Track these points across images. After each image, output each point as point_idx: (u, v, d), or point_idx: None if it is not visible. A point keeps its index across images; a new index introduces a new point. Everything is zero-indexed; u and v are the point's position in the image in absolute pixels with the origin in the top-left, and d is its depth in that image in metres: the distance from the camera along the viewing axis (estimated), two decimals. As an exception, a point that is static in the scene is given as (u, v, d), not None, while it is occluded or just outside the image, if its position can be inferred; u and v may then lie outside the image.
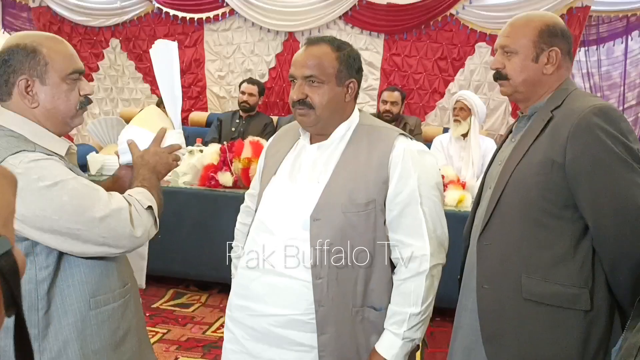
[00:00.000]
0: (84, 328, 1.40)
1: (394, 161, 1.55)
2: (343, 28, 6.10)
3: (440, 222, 1.58)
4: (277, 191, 1.66)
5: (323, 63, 1.57)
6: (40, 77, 1.39)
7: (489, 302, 1.62)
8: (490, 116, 5.81)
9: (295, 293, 1.56)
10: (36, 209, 1.28)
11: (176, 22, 6.49)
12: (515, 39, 1.64)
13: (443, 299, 3.48)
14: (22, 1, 6.83)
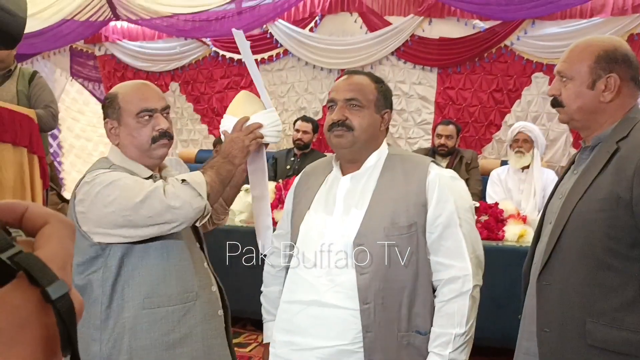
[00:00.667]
0: (135, 324, 1.58)
1: (431, 186, 1.59)
2: (396, 63, 6.12)
3: (477, 243, 1.61)
4: (314, 224, 1.69)
5: (365, 89, 1.66)
6: (117, 119, 1.67)
7: (550, 347, 1.53)
8: (551, 147, 5.65)
9: (342, 322, 1.56)
10: (98, 210, 1.52)
11: (232, 64, 6.69)
12: (572, 65, 1.58)
13: (508, 339, 3.38)
14: (88, 50, 7.22)
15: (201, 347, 1.65)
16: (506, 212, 3.68)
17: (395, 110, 6.18)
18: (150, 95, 1.68)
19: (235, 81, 6.71)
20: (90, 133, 7.87)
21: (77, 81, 7.38)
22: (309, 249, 1.66)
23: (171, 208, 1.50)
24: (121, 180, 1.54)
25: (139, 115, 1.65)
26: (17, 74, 3.74)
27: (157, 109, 1.67)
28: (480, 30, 5.76)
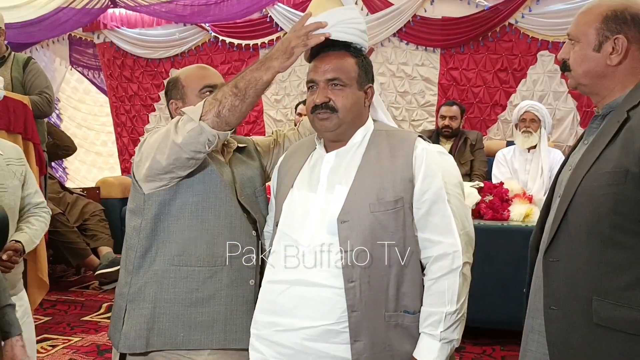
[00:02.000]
0: (162, 278, 1.70)
1: (418, 160, 1.54)
2: (398, 45, 6.02)
3: (467, 220, 1.56)
4: (297, 201, 1.63)
5: (345, 66, 1.58)
6: (182, 98, 1.82)
7: (557, 326, 1.44)
8: (557, 127, 5.55)
9: (326, 302, 1.50)
10: (138, 160, 1.71)
11: (232, 50, 6.61)
12: (579, 26, 1.48)
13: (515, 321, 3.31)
14: (87, 38, 7.15)
15: (223, 310, 1.70)
16: (511, 191, 3.60)
17: (398, 92, 6.09)
18: (210, 73, 1.83)
19: (236, 66, 6.63)
20: (92, 122, 7.83)
21: (76, 70, 7.33)
22: (291, 225, 1.61)
23: (174, 144, 1.58)
24: (160, 129, 1.67)
25: (201, 91, 1.78)
26: (11, 60, 3.70)
27: (217, 85, 1.77)
28: (483, 8, 5.64)
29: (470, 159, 4.81)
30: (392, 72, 6.07)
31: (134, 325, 1.71)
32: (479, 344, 3.45)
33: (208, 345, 1.68)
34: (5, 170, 2.18)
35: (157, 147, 1.63)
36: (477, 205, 3.52)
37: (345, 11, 1.58)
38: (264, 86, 1.57)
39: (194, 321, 1.69)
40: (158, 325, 1.69)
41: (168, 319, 1.69)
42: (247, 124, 6.64)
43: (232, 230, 1.72)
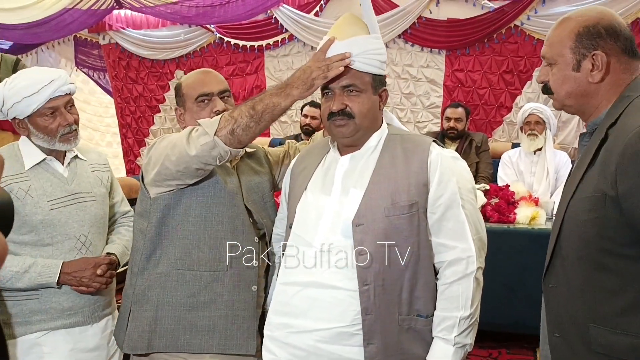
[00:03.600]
0: (166, 281, 1.71)
1: (433, 165, 1.54)
2: (403, 47, 6.01)
3: (481, 225, 1.56)
4: (311, 204, 1.62)
5: (360, 72, 1.57)
6: (183, 105, 1.82)
7: (560, 353, 1.42)
8: (563, 129, 5.54)
9: (340, 304, 1.50)
10: (146, 164, 1.72)
11: (237, 51, 6.61)
12: (552, 47, 1.43)
13: (520, 324, 3.30)
14: (93, 39, 7.17)
15: (224, 315, 1.70)
16: (517, 194, 3.59)
17: (404, 94, 6.08)
18: (207, 80, 1.80)
19: (241, 68, 6.64)
20: (97, 123, 7.85)
21: (82, 71, 7.34)
22: (305, 227, 1.60)
23: (188, 155, 1.59)
24: (172, 136, 1.68)
25: (197, 99, 1.77)
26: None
27: (213, 93, 1.77)
28: (489, 10, 5.63)
29: (476, 161, 4.79)
30: (397, 74, 6.06)
31: (138, 326, 1.73)
32: (484, 347, 3.43)
33: (208, 350, 1.69)
34: (91, 178, 1.98)
35: (167, 155, 1.64)
36: (483, 208, 3.50)
37: (371, 41, 1.58)
38: (280, 112, 1.58)
39: (195, 325, 1.70)
40: (160, 327, 1.71)
41: (170, 322, 1.71)
42: (251, 125, 6.64)
43: (235, 236, 1.73)
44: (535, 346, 3.48)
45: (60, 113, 1.85)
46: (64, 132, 1.85)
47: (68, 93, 1.89)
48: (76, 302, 1.85)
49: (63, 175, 1.90)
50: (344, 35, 1.58)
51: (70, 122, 1.87)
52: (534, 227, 3.32)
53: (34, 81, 1.81)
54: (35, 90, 1.80)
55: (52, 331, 1.82)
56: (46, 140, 1.87)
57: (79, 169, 1.96)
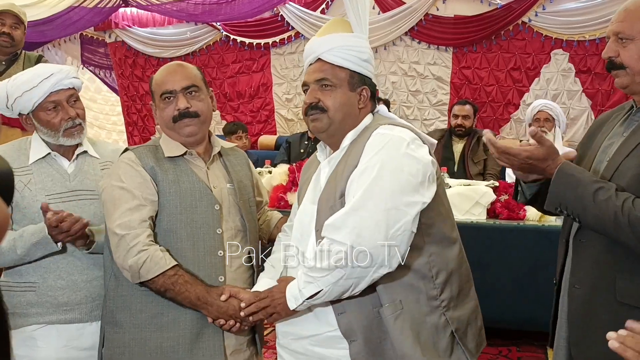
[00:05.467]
0: (130, 302, 1.68)
1: (365, 148, 1.49)
2: (409, 44, 5.99)
3: (374, 207, 1.40)
4: (302, 216, 1.65)
5: (336, 69, 1.57)
6: (154, 101, 1.79)
7: (579, 303, 1.50)
8: (571, 126, 5.50)
9: (325, 309, 1.52)
10: None
11: (243, 49, 6.60)
12: (632, 24, 1.47)
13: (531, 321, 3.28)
14: (99, 37, 7.17)
15: (188, 335, 1.66)
16: (527, 191, 3.56)
17: (410, 91, 6.06)
18: (171, 77, 1.73)
19: (247, 65, 6.63)
20: (103, 121, 7.86)
21: (88, 69, 7.35)
22: (297, 240, 1.63)
23: (118, 259, 1.64)
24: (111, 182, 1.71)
25: (161, 97, 1.73)
26: (22, 58, 3.69)
27: (176, 90, 1.71)
28: (496, 7, 5.61)
29: (484, 158, 4.76)
30: (403, 71, 6.04)
31: (110, 348, 1.72)
32: (494, 344, 3.41)
33: None
34: (98, 176, 1.91)
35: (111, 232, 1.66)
36: (492, 205, 3.49)
37: (349, 38, 1.60)
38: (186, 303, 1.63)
39: (160, 347, 1.66)
40: (129, 350, 1.68)
41: (137, 344, 1.67)
42: (258, 123, 6.64)
43: (196, 252, 1.68)
44: (545, 343, 3.46)
45: (63, 107, 1.83)
46: (67, 126, 1.83)
47: (71, 87, 1.86)
48: (72, 297, 1.82)
49: (66, 172, 1.88)
50: (323, 33, 1.62)
51: (72, 116, 1.83)
52: (544, 224, 3.30)
53: (34, 75, 1.80)
54: (35, 84, 1.79)
55: (48, 325, 1.81)
56: (50, 135, 1.85)
57: (86, 166, 1.92)
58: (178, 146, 1.74)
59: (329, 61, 1.57)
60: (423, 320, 1.49)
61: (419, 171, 1.45)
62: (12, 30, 3.47)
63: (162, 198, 1.68)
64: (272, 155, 5.53)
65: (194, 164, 1.75)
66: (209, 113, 1.78)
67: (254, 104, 6.64)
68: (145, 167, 1.68)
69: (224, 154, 1.85)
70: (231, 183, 1.79)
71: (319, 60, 1.59)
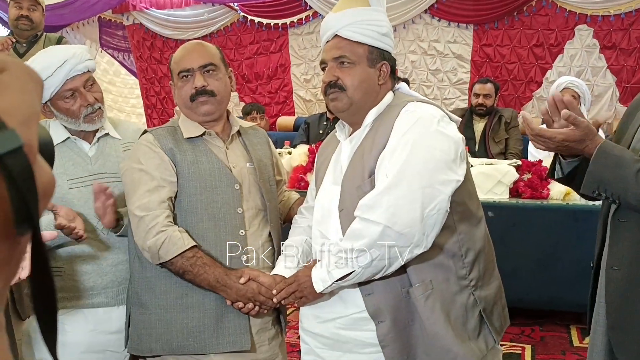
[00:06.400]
0: (155, 284, 1.69)
1: (394, 127, 1.46)
2: (429, 22, 5.91)
3: (408, 186, 1.38)
4: (325, 196, 1.60)
5: (354, 45, 1.53)
6: (173, 80, 1.78)
7: (617, 285, 1.46)
8: (596, 103, 5.40)
9: (350, 291, 1.50)
10: None
11: (261, 29, 6.57)
12: None
13: (554, 301, 3.25)
14: (117, 20, 7.18)
15: (213, 314, 1.67)
16: (551, 170, 3.51)
17: (430, 70, 5.98)
18: (189, 56, 1.74)
19: (265, 46, 6.60)
20: (122, 104, 7.91)
21: (106, 52, 7.38)
22: (320, 222, 1.60)
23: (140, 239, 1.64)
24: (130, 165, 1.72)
25: (179, 76, 1.73)
26: (43, 39, 3.70)
27: (193, 69, 1.71)
28: (518, -18, 5.49)
29: (505, 137, 4.70)
30: (423, 50, 5.97)
31: (136, 329, 1.73)
32: (516, 324, 3.39)
33: (202, 351, 1.67)
34: (120, 157, 1.88)
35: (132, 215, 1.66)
36: (514, 184, 3.45)
37: (367, 11, 1.55)
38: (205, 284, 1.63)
39: (186, 327, 1.67)
40: (156, 331, 1.69)
41: (163, 325, 1.68)
42: (276, 104, 6.62)
43: (217, 232, 1.69)
44: (568, 323, 3.43)
45: (80, 93, 1.79)
46: (86, 112, 1.80)
47: (87, 71, 1.82)
48: (97, 282, 1.83)
49: (87, 155, 1.86)
50: (339, 8, 1.57)
51: (91, 102, 1.80)
52: (568, 203, 3.25)
53: (48, 64, 1.75)
54: (50, 73, 1.74)
55: (75, 310, 1.81)
56: (70, 122, 1.82)
57: (107, 148, 1.91)
58: (196, 126, 1.73)
59: (347, 37, 1.53)
60: (453, 299, 1.47)
61: (451, 148, 1.43)
62: (30, 13, 3.47)
63: (182, 179, 1.68)
64: (290, 136, 5.51)
65: (212, 144, 1.74)
66: (226, 92, 1.76)
67: (272, 85, 6.62)
68: (163, 149, 1.68)
69: (244, 134, 1.83)
70: (251, 162, 1.78)
71: (336, 36, 1.55)
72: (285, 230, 1.85)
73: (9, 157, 0.26)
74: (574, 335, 3.33)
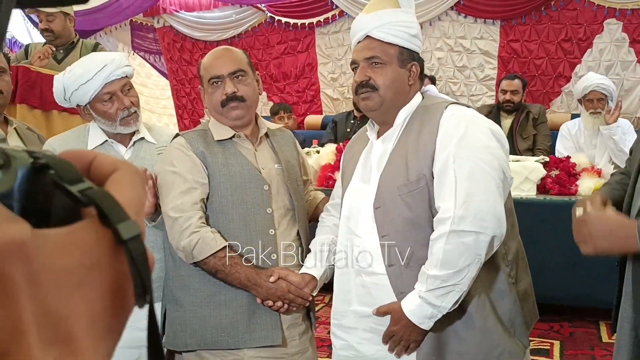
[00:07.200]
0: (188, 282, 1.75)
1: (441, 129, 1.48)
2: (456, 19, 5.90)
3: (485, 189, 1.41)
4: (354, 194, 1.64)
5: (385, 46, 1.57)
6: (202, 86, 1.83)
7: None
8: (626, 98, 5.33)
9: (382, 288, 1.54)
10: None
11: (288, 29, 6.64)
12: None
13: (582, 297, 3.25)
14: (148, 23, 7.34)
15: (246, 311, 1.72)
16: (579, 165, 3.50)
17: (456, 67, 5.98)
18: (218, 62, 1.78)
19: (292, 46, 6.67)
20: (154, 105, 8.07)
21: (138, 54, 7.55)
22: (350, 219, 1.63)
23: (173, 239, 1.70)
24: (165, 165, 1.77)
25: (210, 82, 1.78)
26: (79, 46, 3.82)
27: (223, 75, 1.76)
28: (546, -23, 5.45)
29: (533, 133, 4.67)
30: (449, 47, 5.97)
31: (172, 325, 1.79)
32: (546, 320, 3.41)
33: (235, 346, 1.72)
34: (155, 161, 1.92)
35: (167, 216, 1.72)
36: (542, 180, 3.45)
37: (397, 13, 1.58)
38: (237, 284, 1.69)
39: (219, 323, 1.72)
40: (190, 327, 1.75)
41: (197, 321, 1.74)
42: (304, 103, 6.69)
43: (248, 232, 1.73)
44: (598, 319, 3.43)
45: (118, 97, 1.87)
46: (122, 115, 1.88)
47: (125, 76, 1.90)
48: None
49: (124, 158, 1.93)
50: (369, 10, 1.60)
51: (127, 106, 1.88)
52: (597, 199, 3.25)
53: (88, 68, 1.85)
54: (90, 76, 1.84)
55: None
56: (108, 124, 1.91)
57: (142, 152, 1.98)
58: (227, 129, 1.79)
59: (378, 38, 1.56)
60: (500, 296, 1.52)
61: (500, 147, 1.49)
62: (48, 24, 3.50)
63: (213, 181, 1.73)
64: (318, 135, 5.58)
65: (242, 146, 1.80)
66: (255, 97, 1.82)
67: (299, 84, 6.69)
68: (195, 152, 1.74)
69: (271, 135, 1.89)
70: (279, 163, 1.83)
71: (368, 37, 1.58)
72: (311, 229, 1.90)
73: (132, 242, 0.32)
74: (603, 331, 3.33)
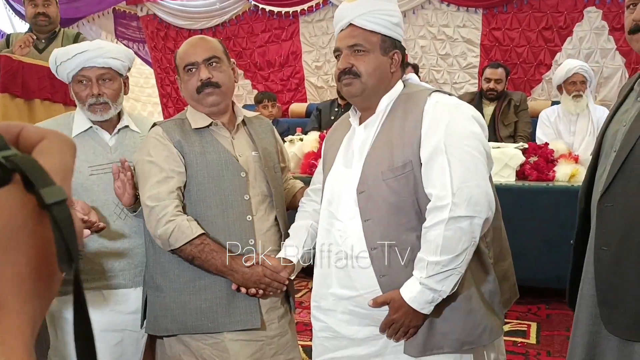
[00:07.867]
0: (168, 268, 1.79)
1: (426, 116, 1.52)
2: (438, 7, 5.94)
3: (476, 174, 1.46)
4: (335, 179, 1.66)
5: (367, 34, 1.60)
6: (179, 75, 1.85)
7: (607, 263, 1.54)
8: (605, 85, 5.42)
9: (363, 272, 1.56)
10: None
11: (272, 17, 6.64)
12: None
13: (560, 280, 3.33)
14: (131, 11, 7.29)
15: (225, 296, 1.75)
16: (557, 152, 3.57)
17: (440, 55, 6.03)
18: (193, 50, 1.81)
19: (276, 34, 6.67)
20: (138, 93, 8.03)
21: (122, 43, 7.49)
22: (331, 203, 1.65)
23: (150, 227, 1.74)
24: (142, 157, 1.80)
25: (185, 69, 1.81)
26: (61, 35, 3.80)
27: (198, 62, 1.78)
28: (527, -35, 5.50)
29: (514, 120, 4.74)
30: (432, 35, 6.01)
31: (153, 310, 1.82)
32: (523, 302, 3.49)
33: (215, 329, 1.75)
34: (137, 149, 1.93)
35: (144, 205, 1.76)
36: (521, 167, 3.52)
37: (380, 2, 1.62)
38: (213, 270, 1.72)
39: (199, 308, 1.76)
40: (171, 312, 1.78)
41: (177, 306, 1.77)
42: (288, 91, 6.70)
43: (226, 218, 1.76)
44: (574, 301, 3.52)
45: (91, 83, 1.89)
46: (91, 102, 1.89)
47: (107, 67, 1.90)
48: (115, 264, 1.92)
49: (108, 144, 1.96)
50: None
51: (95, 94, 1.89)
52: (574, 185, 3.32)
53: (72, 49, 1.88)
54: (70, 56, 1.87)
55: (94, 291, 1.91)
56: (80, 106, 1.93)
57: (127, 140, 2.00)
58: (204, 118, 1.81)
59: (361, 26, 1.59)
60: (482, 276, 1.57)
61: (483, 133, 1.54)
62: (45, 9, 3.54)
63: (190, 169, 1.76)
64: (303, 123, 5.61)
65: (219, 134, 1.82)
66: (230, 84, 1.84)
67: (284, 73, 6.71)
68: (172, 141, 1.76)
69: (249, 123, 1.91)
70: (256, 151, 1.85)
71: (351, 25, 1.61)
72: (289, 217, 1.93)
73: (56, 207, 0.33)
74: (580, 312, 3.42)
